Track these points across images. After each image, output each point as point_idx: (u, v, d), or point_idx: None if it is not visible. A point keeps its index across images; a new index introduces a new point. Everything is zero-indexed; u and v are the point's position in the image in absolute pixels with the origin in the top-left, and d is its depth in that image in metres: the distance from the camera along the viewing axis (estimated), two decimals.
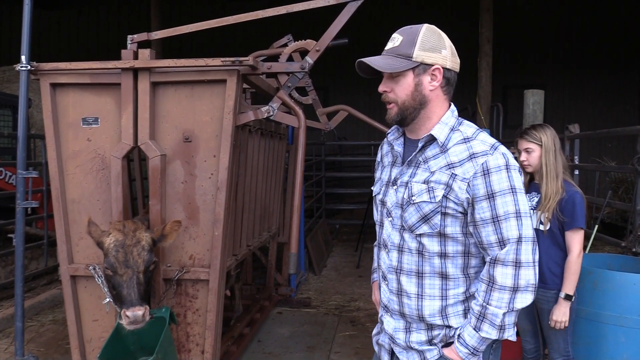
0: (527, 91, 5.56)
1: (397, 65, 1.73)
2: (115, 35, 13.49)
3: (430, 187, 1.73)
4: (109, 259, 2.65)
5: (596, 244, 5.55)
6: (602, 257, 3.53)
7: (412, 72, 1.74)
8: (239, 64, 2.89)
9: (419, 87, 1.75)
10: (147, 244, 2.72)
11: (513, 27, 12.52)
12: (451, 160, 1.73)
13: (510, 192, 1.68)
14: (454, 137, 1.76)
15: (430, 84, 1.75)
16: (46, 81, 3.05)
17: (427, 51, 1.72)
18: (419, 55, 1.72)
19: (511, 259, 1.68)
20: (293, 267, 3.00)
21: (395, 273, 1.84)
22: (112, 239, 2.68)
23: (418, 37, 1.73)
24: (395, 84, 1.77)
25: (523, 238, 1.68)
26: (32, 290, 5.62)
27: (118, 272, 2.63)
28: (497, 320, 1.69)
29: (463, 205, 1.71)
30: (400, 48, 1.74)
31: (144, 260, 2.67)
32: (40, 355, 4.04)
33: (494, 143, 1.73)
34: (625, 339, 2.89)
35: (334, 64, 11.28)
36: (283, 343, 4.50)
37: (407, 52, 1.72)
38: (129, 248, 2.65)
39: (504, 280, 1.68)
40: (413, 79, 1.75)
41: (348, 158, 11.83)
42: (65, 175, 3.12)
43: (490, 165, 1.68)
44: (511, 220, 1.68)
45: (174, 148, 3.04)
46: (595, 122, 11.61)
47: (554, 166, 2.85)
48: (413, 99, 1.76)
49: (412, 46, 1.72)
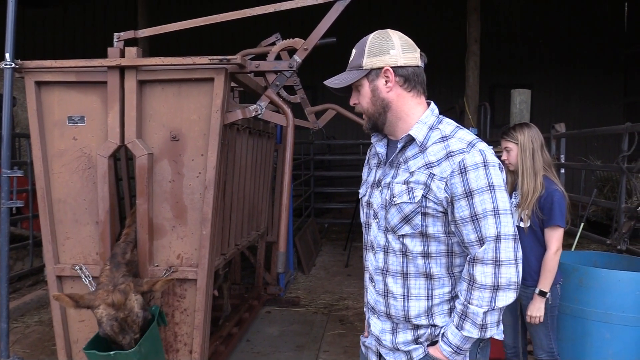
0: (514, 90, 5.61)
1: (348, 78, 1.79)
2: (102, 33, 13.38)
3: (409, 188, 1.73)
4: (103, 330, 2.59)
5: (582, 242, 5.61)
6: (588, 255, 3.57)
7: (366, 80, 1.78)
8: (227, 62, 2.87)
9: (376, 92, 1.78)
10: (139, 305, 2.64)
11: (500, 27, 12.61)
12: (429, 159, 1.73)
13: (488, 189, 1.67)
14: (433, 136, 1.76)
15: (385, 87, 1.77)
16: (31, 79, 3.01)
17: (374, 56, 1.76)
18: (367, 63, 1.76)
19: (490, 257, 1.67)
20: (282, 266, 2.99)
21: (381, 274, 1.84)
22: (103, 312, 2.59)
23: (366, 45, 1.78)
24: (359, 95, 1.82)
25: (502, 236, 1.67)
26: (17, 291, 5.56)
27: (116, 339, 2.60)
28: (478, 319, 1.68)
29: (442, 204, 1.70)
30: (353, 61, 1.81)
31: (139, 323, 2.63)
32: (26, 357, 3.99)
33: (471, 140, 1.72)
34: (610, 335, 2.93)
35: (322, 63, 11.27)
36: (272, 342, 4.49)
37: (358, 62, 1.78)
38: (123, 320, 2.59)
39: (483, 279, 1.67)
40: (369, 86, 1.79)
41: (337, 157, 11.84)
42: (50, 175, 3.09)
43: (467, 164, 1.67)
44: (489, 218, 1.66)
45: (161, 147, 3.02)
46: (581, 122, 11.74)
47: (530, 164, 2.90)
48: (374, 105, 1.80)
49: (362, 56, 1.78)
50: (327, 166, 11.97)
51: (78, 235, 3.12)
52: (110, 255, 2.88)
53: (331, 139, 11.73)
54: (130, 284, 2.67)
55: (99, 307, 2.58)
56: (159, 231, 3.06)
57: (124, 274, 2.75)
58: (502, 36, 12.90)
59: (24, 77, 3.04)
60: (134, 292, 2.64)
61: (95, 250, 3.10)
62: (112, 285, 2.67)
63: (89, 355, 2.61)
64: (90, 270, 3.04)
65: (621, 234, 3.95)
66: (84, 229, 3.11)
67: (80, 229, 3.11)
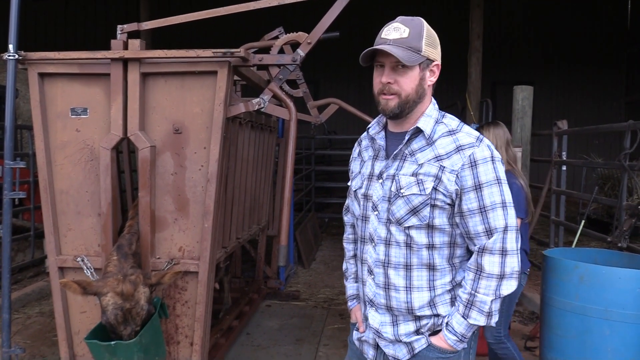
0: (516, 87, 5.59)
1: (413, 59, 1.72)
2: (104, 25, 13.36)
3: (419, 180, 1.75)
4: (107, 318, 2.58)
5: (582, 239, 5.62)
6: (589, 252, 3.57)
7: (419, 66, 1.76)
8: (230, 55, 2.87)
9: (422, 82, 1.78)
10: (146, 298, 2.64)
11: (503, 23, 12.58)
12: (439, 152, 1.76)
13: (497, 182, 1.73)
14: (439, 130, 1.79)
15: (429, 79, 1.80)
16: (34, 71, 3.01)
17: (430, 47, 1.76)
18: (426, 51, 1.75)
19: (498, 247, 1.73)
20: (283, 260, 3.01)
21: (382, 267, 1.84)
22: (110, 300, 2.58)
23: (423, 31, 1.75)
24: (400, 76, 1.75)
25: (509, 227, 1.73)
26: (18, 282, 5.57)
27: (117, 329, 2.60)
28: (486, 307, 1.73)
29: (452, 196, 1.74)
30: (410, 40, 1.72)
31: (142, 316, 2.63)
32: (27, 348, 4.00)
33: (478, 135, 1.78)
34: (610, 332, 2.93)
35: (325, 58, 11.25)
36: (272, 335, 4.51)
37: (417, 45, 1.73)
38: (127, 311, 2.58)
39: (491, 269, 1.73)
40: (419, 73, 1.77)
41: (338, 152, 11.84)
42: (53, 166, 3.09)
43: (477, 157, 1.72)
44: (498, 210, 1.73)
45: (163, 139, 3.02)
46: (582, 119, 11.73)
47: None
48: (416, 93, 1.78)
49: (420, 40, 1.74)
50: (328, 161, 11.98)
51: (80, 226, 3.12)
52: (116, 246, 2.88)
53: (332, 134, 11.72)
54: (140, 275, 2.67)
55: (107, 294, 2.58)
56: (161, 224, 3.07)
57: (132, 265, 2.76)
58: (505, 33, 12.87)
59: (27, 69, 3.04)
60: (142, 285, 2.64)
61: (97, 242, 3.10)
62: (122, 275, 2.66)
63: (90, 345, 2.62)
64: (92, 261, 3.04)
65: (622, 232, 3.96)
66: (86, 220, 3.11)
67: (82, 220, 3.12)
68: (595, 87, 13.22)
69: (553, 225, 5.76)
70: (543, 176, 5.88)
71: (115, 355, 2.58)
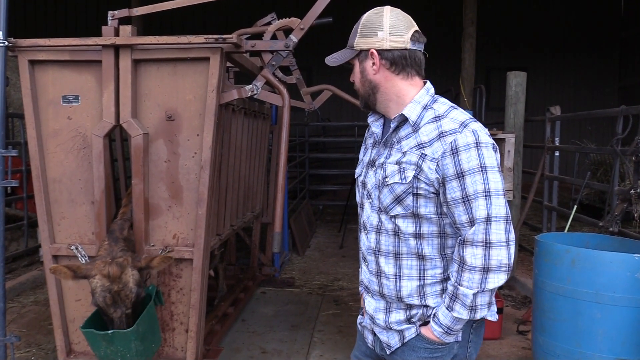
0: (509, 73, 5.59)
1: (340, 57, 1.82)
2: (95, 11, 13.21)
3: (401, 168, 1.72)
4: (96, 300, 2.60)
5: (575, 224, 5.65)
6: (580, 236, 3.61)
7: (357, 60, 1.81)
8: (223, 41, 2.85)
9: (364, 74, 1.80)
10: (135, 281, 2.65)
11: (497, 9, 12.54)
12: (421, 140, 1.71)
13: (480, 170, 1.64)
14: (427, 116, 1.74)
15: (372, 68, 1.78)
16: (25, 58, 2.98)
17: (364, 37, 1.77)
18: (358, 43, 1.78)
19: (480, 239, 1.65)
20: (277, 246, 3.01)
21: (374, 254, 1.85)
22: (97, 282, 2.60)
23: (359, 25, 1.79)
24: (353, 75, 1.85)
25: (493, 217, 1.64)
26: (12, 271, 5.57)
27: (107, 312, 2.61)
28: (468, 300, 1.68)
29: (434, 185, 1.69)
30: (349, 40, 1.82)
31: (132, 299, 2.63)
32: (23, 336, 4.01)
33: (464, 120, 1.69)
34: (601, 315, 2.97)
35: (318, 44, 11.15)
36: (267, 322, 4.53)
37: (352, 42, 1.80)
38: (116, 293, 2.60)
39: (473, 261, 1.66)
40: (359, 67, 1.81)
41: (332, 139, 11.83)
42: (45, 154, 3.08)
43: (459, 144, 1.65)
44: (479, 200, 1.64)
45: (156, 127, 3.01)
46: (575, 105, 11.76)
47: None
48: (363, 85, 1.82)
49: (355, 35, 1.79)
50: (322, 148, 11.96)
51: (74, 214, 3.12)
52: (108, 231, 2.89)
53: (326, 121, 11.70)
54: (128, 258, 2.69)
55: (95, 277, 2.61)
56: (155, 211, 3.07)
57: (122, 249, 2.78)
58: (499, 19, 12.84)
59: (17, 56, 3.01)
60: (130, 267, 2.66)
61: (91, 230, 3.10)
62: (111, 257, 2.68)
63: (87, 334, 2.63)
64: (87, 249, 3.04)
65: (613, 216, 3.99)
66: (80, 208, 3.11)
67: (76, 208, 3.11)
68: (588, 72, 13.23)
69: (546, 210, 5.80)
70: (536, 162, 5.90)
71: (112, 343, 2.59)
